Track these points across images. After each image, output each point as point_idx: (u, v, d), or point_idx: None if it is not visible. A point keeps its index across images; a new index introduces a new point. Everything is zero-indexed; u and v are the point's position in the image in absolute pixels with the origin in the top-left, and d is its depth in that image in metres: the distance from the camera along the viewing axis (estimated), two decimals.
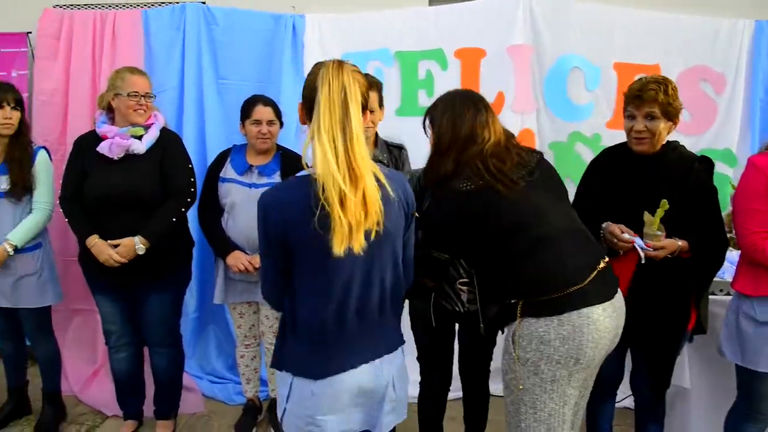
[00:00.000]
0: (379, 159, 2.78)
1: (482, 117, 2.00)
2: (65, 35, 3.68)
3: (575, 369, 1.85)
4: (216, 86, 3.70)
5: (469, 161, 1.93)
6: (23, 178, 2.86)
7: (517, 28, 3.49)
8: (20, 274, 2.90)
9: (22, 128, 2.90)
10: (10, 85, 2.90)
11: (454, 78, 3.58)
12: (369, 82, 2.68)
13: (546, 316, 1.83)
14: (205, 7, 3.65)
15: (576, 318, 1.82)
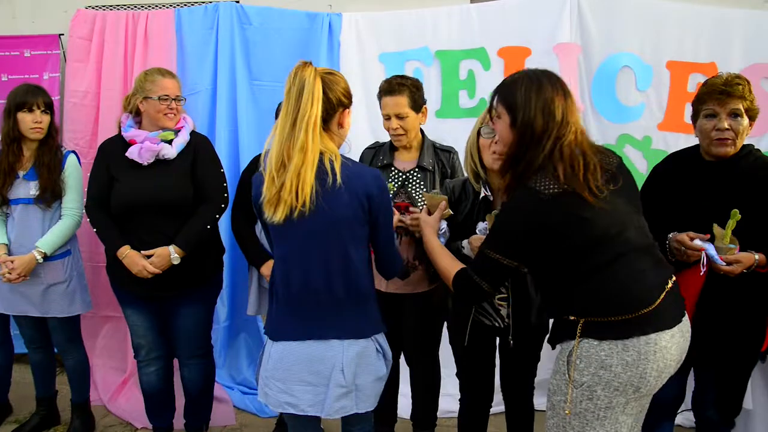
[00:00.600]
0: (422, 165, 2.64)
1: (570, 103, 1.74)
2: (97, 36, 3.62)
3: (633, 397, 1.69)
4: (249, 88, 3.59)
5: (560, 155, 1.67)
6: (52, 183, 2.78)
7: (564, 26, 3.32)
8: (49, 283, 2.82)
9: (51, 132, 2.83)
10: (40, 88, 2.83)
11: (497, 78, 3.32)
12: (396, 83, 2.58)
13: (610, 340, 1.66)
14: (239, 6, 3.55)
15: (643, 344, 1.64)
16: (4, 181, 2.75)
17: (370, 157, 2.76)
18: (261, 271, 2.72)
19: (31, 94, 2.74)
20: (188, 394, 2.84)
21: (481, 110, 3.41)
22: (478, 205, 2.31)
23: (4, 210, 2.80)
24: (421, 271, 2.64)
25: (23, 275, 2.72)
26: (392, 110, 2.57)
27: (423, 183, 2.64)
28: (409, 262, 2.63)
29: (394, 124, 2.58)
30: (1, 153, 2.78)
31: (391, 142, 2.74)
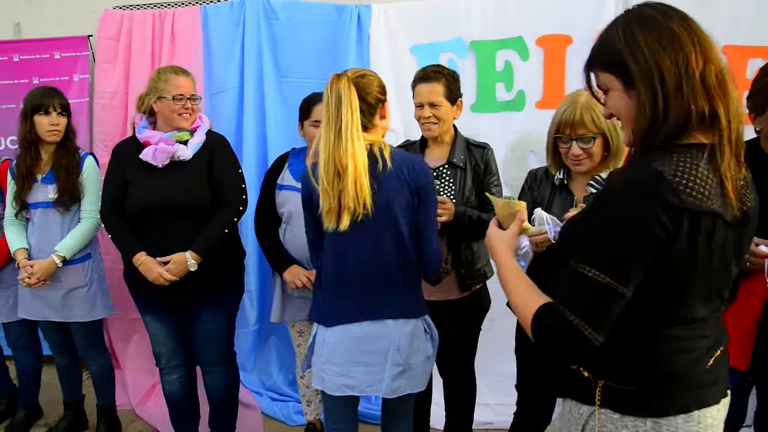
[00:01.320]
0: (452, 161, 2.47)
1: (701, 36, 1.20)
2: (125, 36, 3.58)
3: None
4: (277, 85, 3.48)
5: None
6: (71, 186, 2.72)
7: (609, 10, 3.08)
8: (69, 287, 2.78)
9: (68, 134, 2.78)
10: (56, 90, 2.78)
11: (536, 69, 3.22)
12: (431, 71, 2.42)
13: (635, 416, 1.24)
14: (265, 1, 3.43)
15: (681, 425, 1.22)
16: (22, 185, 2.71)
17: None
18: (284, 277, 2.60)
19: (47, 96, 2.69)
20: (212, 402, 2.74)
21: (520, 103, 3.24)
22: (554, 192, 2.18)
23: (23, 214, 2.76)
24: (454, 277, 2.48)
25: (43, 280, 2.68)
26: (426, 98, 2.41)
27: (453, 180, 2.47)
28: (440, 266, 2.47)
29: (427, 112, 2.42)
30: (18, 157, 2.75)
31: (422, 139, 2.58)
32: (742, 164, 1.20)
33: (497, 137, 3.26)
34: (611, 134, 2.04)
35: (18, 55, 3.67)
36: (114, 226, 2.52)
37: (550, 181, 2.25)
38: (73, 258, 2.75)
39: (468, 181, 2.48)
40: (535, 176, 2.34)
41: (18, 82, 3.64)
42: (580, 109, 2.01)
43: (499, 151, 3.23)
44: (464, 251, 2.49)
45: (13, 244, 2.76)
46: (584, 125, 2.02)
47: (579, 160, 2.06)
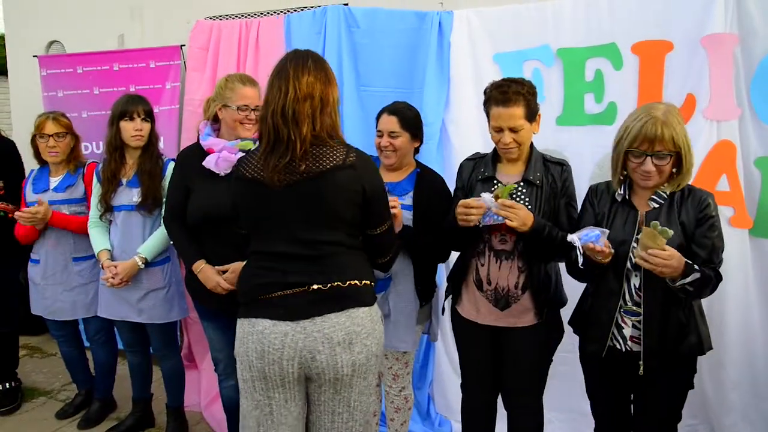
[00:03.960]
0: (528, 179, 2.29)
1: None
2: (213, 45, 3.67)
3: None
4: (357, 94, 3.42)
5: None
6: (154, 190, 2.80)
7: (716, 12, 2.75)
8: (149, 289, 2.86)
9: (152, 140, 2.87)
10: (141, 97, 2.88)
11: (630, 78, 2.93)
12: (512, 92, 2.20)
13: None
14: (347, 9, 3.40)
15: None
16: (107, 188, 2.82)
17: (470, 170, 2.46)
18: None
19: (132, 103, 2.80)
20: None
21: (610, 116, 2.99)
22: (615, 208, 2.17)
23: (108, 216, 2.87)
24: (529, 300, 2.30)
25: (126, 281, 2.78)
26: (506, 123, 2.23)
27: (528, 199, 2.29)
28: (509, 290, 2.30)
29: (507, 138, 2.24)
30: (104, 161, 2.87)
31: (494, 152, 2.42)
32: None
33: (585, 152, 3.03)
34: (686, 154, 2.01)
35: (118, 65, 3.87)
36: (174, 233, 2.56)
37: (610, 196, 2.19)
38: (153, 260, 2.83)
39: (544, 200, 2.30)
40: (595, 191, 2.28)
41: (117, 90, 3.82)
42: (661, 125, 1.97)
43: (586, 167, 3.03)
44: (541, 273, 2.31)
45: (97, 244, 2.88)
46: (663, 142, 1.98)
47: (649, 176, 2.04)
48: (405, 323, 2.50)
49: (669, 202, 2.08)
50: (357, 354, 1.84)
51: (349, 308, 1.85)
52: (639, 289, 2.08)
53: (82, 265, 3.05)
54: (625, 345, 2.11)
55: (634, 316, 2.09)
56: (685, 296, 2.00)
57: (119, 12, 4.23)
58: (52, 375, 3.77)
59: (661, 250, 1.89)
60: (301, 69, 1.83)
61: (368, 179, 1.87)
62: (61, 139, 2.99)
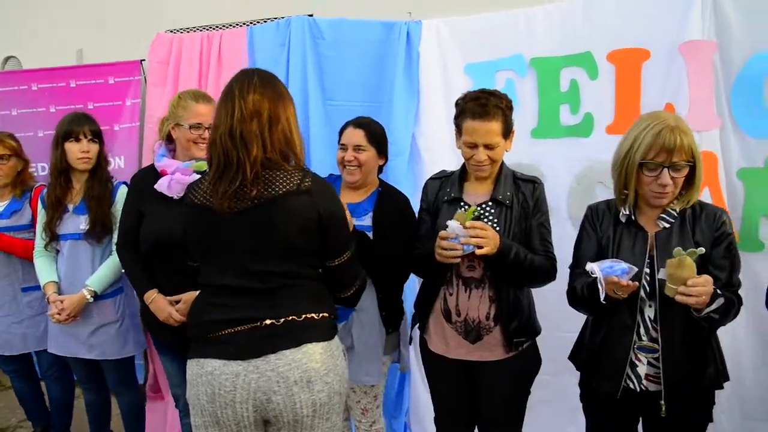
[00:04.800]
0: (497, 198, 2.15)
1: None
2: (174, 60, 3.50)
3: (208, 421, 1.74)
4: (324, 108, 3.27)
5: None
6: (102, 216, 2.63)
7: (694, 19, 2.63)
8: (100, 323, 2.69)
9: (100, 162, 2.69)
10: (87, 116, 2.71)
11: (607, 88, 2.81)
12: (491, 105, 2.08)
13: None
14: (311, 20, 3.25)
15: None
16: (52, 215, 2.65)
17: (435, 189, 2.31)
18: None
19: (77, 123, 2.63)
20: None
21: (587, 128, 2.85)
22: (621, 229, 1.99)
23: (53, 246, 2.69)
24: (498, 333, 2.15)
25: (73, 316, 2.61)
26: (482, 138, 2.09)
27: (497, 220, 2.14)
28: (480, 322, 2.15)
29: (482, 155, 2.10)
30: (49, 186, 2.69)
31: (462, 170, 2.27)
32: None
33: (561, 166, 2.90)
34: (699, 165, 1.87)
35: (75, 81, 3.69)
36: (126, 260, 2.41)
37: (613, 217, 2.01)
38: (104, 292, 2.66)
39: (514, 221, 2.15)
40: (596, 211, 2.10)
41: (75, 107, 3.63)
42: (679, 132, 1.82)
43: (563, 181, 2.90)
44: (511, 301, 2.15)
45: (43, 276, 2.71)
46: (682, 151, 1.83)
47: (665, 191, 1.87)
48: (370, 355, 2.34)
49: (680, 221, 1.91)
50: (317, 393, 1.70)
51: (305, 343, 1.70)
52: (655, 322, 1.90)
53: (32, 295, 2.87)
54: (640, 384, 1.93)
55: (650, 353, 1.91)
56: (708, 325, 1.83)
57: (79, 25, 4.06)
58: (9, 410, 3.58)
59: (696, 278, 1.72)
60: (247, 87, 1.72)
61: (324, 205, 1.73)
62: (4, 162, 2.81)
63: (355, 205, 2.38)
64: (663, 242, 1.89)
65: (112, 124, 3.66)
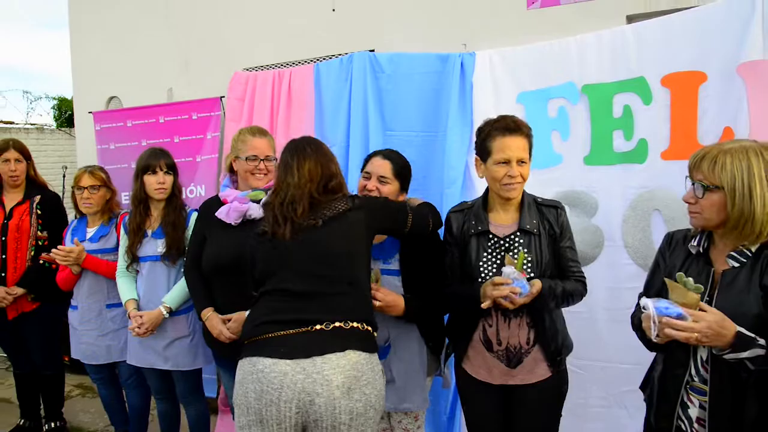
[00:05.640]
0: (524, 228, 2.20)
1: None
2: (249, 96, 3.78)
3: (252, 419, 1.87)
4: (383, 138, 3.39)
5: None
6: (177, 240, 2.88)
7: (754, 38, 2.53)
8: (173, 337, 2.92)
9: (175, 192, 2.96)
10: (164, 151, 2.99)
11: (662, 114, 2.75)
12: (513, 122, 2.19)
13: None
14: (372, 55, 3.41)
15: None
16: (133, 240, 2.93)
17: (460, 223, 2.34)
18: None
19: (154, 157, 2.91)
20: None
21: (641, 154, 2.81)
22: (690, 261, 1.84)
23: (134, 267, 2.98)
24: (540, 354, 2.19)
25: (151, 330, 2.85)
26: (515, 153, 2.16)
27: (527, 249, 2.17)
28: (521, 347, 2.19)
29: (515, 170, 2.16)
30: (131, 214, 2.99)
31: (484, 200, 2.32)
32: None
33: (615, 193, 2.86)
34: (731, 194, 1.67)
35: (163, 117, 4.08)
36: (190, 280, 2.64)
37: (685, 248, 1.87)
38: (178, 309, 2.90)
39: (544, 249, 2.19)
40: (670, 241, 1.96)
41: (163, 141, 4.02)
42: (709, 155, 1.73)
43: (617, 209, 2.85)
44: (548, 324, 2.19)
45: (124, 294, 2.98)
46: (700, 171, 1.74)
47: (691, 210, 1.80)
48: (411, 386, 2.39)
49: (753, 261, 1.71)
50: (356, 402, 1.83)
51: (349, 350, 1.86)
52: (706, 362, 1.74)
53: (115, 311, 3.16)
54: (691, 427, 1.77)
55: (701, 395, 1.75)
56: (747, 375, 1.63)
57: (168, 66, 4.49)
58: (98, 415, 3.91)
59: (696, 310, 1.59)
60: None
61: (369, 213, 2.10)
62: (95, 192, 3.15)
63: (376, 246, 2.34)
64: (727, 282, 1.72)
65: (194, 155, 4.00)
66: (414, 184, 3.16)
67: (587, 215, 2.90)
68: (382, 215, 2.18)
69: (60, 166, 5.61)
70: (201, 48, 4.47)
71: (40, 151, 4.65)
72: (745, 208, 1.65)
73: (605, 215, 2.87)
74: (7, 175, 3.45)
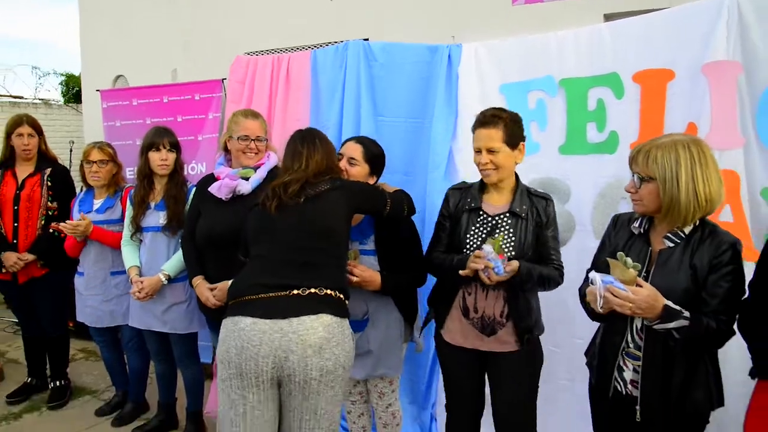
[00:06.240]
0: (514, 210, 2.39)
1: None
2: (249, 80, 3.95)
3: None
4: (374, 123, 3.57)
5: None
6: (178, 213, 3.09)
7: (719, 40, 2.68)
8: (171, 302, 3.13)
9: (177, 168, 3.16)
10: (167, 130, 3.18)
11: (632, 108, 2.92)
12: (490, 115, 2.38)
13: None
14: (366, 44, 3.59)
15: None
16: (137, 211, 3.15)
17: (456, 199, 2.56)
18: None
19: (158, 135, 3.11)
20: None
21: (612, 145, 3.00)
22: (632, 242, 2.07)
23: (137, 236, 3.19)
24: (511, 329, 2.38)
25: (150, 295, 3.07)
26: (484, 143, 2.37)
27: (513, 231, 2.38)
28: (495, 319, 2.39)
29: (485, 158, 2.37)
30: (135, 188, 3.20)
31: (481, 183, 2.52)
32: None
33: (587, 181, 3.04)
34: (662, 185, 1.89)
35: (167, 97, 4.28)
36: (185, 251, 2.86)
37: (629, 229, 2.10)
38: (176, 277, 3.11)
39: (528, 232, 2.39)
40: (616, 222, 2.21)
41: (166, 120, 4.22)
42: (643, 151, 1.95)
43: (588, 196, 3.04)
44: (522, 302, 2.39)
45: (128, 261, 3.21)
46: (636, 164, 1.97)
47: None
48: (387, 354, 2.61)
49: (686, 242, 1.92)
50: (326, 360, 2.04)
51: (322, 313, 2.06)
52: (641, 331, 1.96)
53: (119, 278, 3.39)
54: (625, 388, 2.01)
55: (636, 360, 1.98)
56: (673, 344, 1.84)
57: (173, 49, 4.67)
58: (100, 377, 4.16)
59: (634, 286, 1.79)
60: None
61: (349, 194, 2.29)
62: (103, 166, 3.37)
63: (355, 228, 2.57)
64: (663, 261, 1.93)
65: (196, 134, 4.20)
66: (401, 168, 3.42)
67: (561, 201, 3.08)
68: (362, 197, 2.39)
69: (67, 141, 5.80)
70: (205, 32, 4.65)
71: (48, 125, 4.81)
72: (673, 195, 1.86)
73: (577, 202, 3.06)
74: (20, 149, 3.66)
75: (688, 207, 1.86)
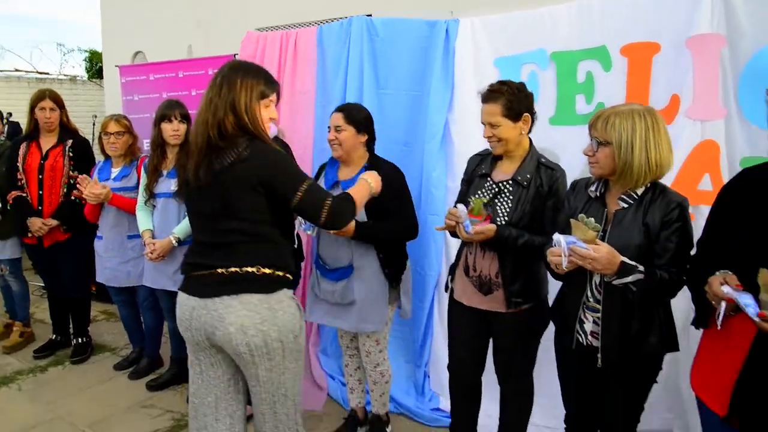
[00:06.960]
0: (516, 179, 2.49)
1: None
2: (259, 55, 4.09)
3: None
4: (376, 96, 3.71)
5: None
6: None
7: (702, 14, 2.78)
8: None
9: (188, 138, 3.35)
10: (179, 102, 3.37)
11: (619, 80, 3.02)
12: (490, 89, 2.48)
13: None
14: (369, 19, 3.72)
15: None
16: (151, 179, 3.36)
17: (474, 164, 2.72)
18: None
19: (170, 108, 3.30)
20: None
21: None
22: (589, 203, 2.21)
23: (151, 202, 3.41)
24: (502, 292, 2.50)
25: (162, 256, 3.30)
26: (485, 118, 2.50)
27: (512, 197, 2.50)
28: (491, 278, 2.52)
29: (488, 132, 2.50)
30: (149, 157, 3.41)
31: None
32: None
33: (575, 152, 3.11)
34: (618, 149, 2.02)
35: (182, 72, 4.47)
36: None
37: (586, 193, 2.24)
38: (186, 239, 3.31)
39: (527, 202, 2.47)
40: (575, 186, 2.34)
41: (181, 94, 4.42)
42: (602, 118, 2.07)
43: (576, 165, 3.14)
44: (510, 268, 2.49)
45: (142, 225, 3.44)
46: (595, 129, 2.08)
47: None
48: (371, 307, 2.78)
49: (638, 203, 2.07)
50: (252, 337, 2.01)
51: (242, 293, 2.02)
52: (600, 286, 2.12)
53: (135, 241, 3.63)
54: (586, 339, 2.16)
55: (595, 312, 2.13)
56: (631, 296, 1.99)
57: (188, 26, 4.86)
58: (119, 336, 4.43)
59: (593, 244, 1.93)
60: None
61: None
62: (120, 137, 3.59)
63: (347, 181, 2.78)
64: (618, 220, 2.08)
65: None
66: (401, 138, 3.57)
67: None
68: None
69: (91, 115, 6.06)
70: (218, 9, 4.83)
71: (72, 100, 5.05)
72: (627, 160, 2.01)
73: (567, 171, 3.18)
74: (43, 122, 3.88)
75: (640, 171, 2.00)
